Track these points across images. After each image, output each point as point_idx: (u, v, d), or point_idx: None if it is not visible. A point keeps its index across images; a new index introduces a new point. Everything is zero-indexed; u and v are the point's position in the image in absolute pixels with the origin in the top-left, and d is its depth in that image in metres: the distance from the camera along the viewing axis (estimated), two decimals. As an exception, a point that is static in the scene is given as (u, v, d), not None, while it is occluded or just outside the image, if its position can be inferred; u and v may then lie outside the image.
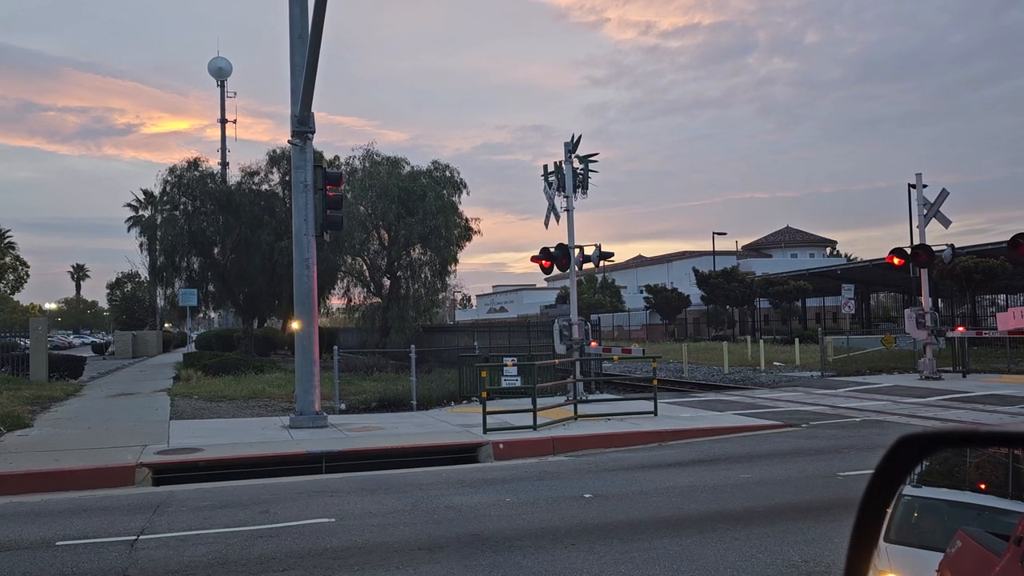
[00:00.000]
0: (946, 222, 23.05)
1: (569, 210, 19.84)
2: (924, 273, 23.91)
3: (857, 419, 15.56)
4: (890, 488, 1.63)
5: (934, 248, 23.21)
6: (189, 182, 35.67)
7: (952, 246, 24.50)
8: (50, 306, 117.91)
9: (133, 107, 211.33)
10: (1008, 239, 21.86)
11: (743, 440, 13.55)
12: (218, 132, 66.50)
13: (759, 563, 6.39)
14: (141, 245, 39.98)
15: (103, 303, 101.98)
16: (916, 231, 23.91)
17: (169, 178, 35.81)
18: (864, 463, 10.80)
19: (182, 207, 35.94)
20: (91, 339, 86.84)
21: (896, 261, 23.49)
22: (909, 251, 23.37)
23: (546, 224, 20.14)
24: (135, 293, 66.12)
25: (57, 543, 7.45)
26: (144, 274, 50.82)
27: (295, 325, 15.76)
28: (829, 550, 6.68)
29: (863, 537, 1.62)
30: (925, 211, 23.20)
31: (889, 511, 1.94)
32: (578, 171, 19.93)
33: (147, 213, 50.69)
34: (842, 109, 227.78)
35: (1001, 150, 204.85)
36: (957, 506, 3.21)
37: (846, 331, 36.71)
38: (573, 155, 19.95)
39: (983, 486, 2.94)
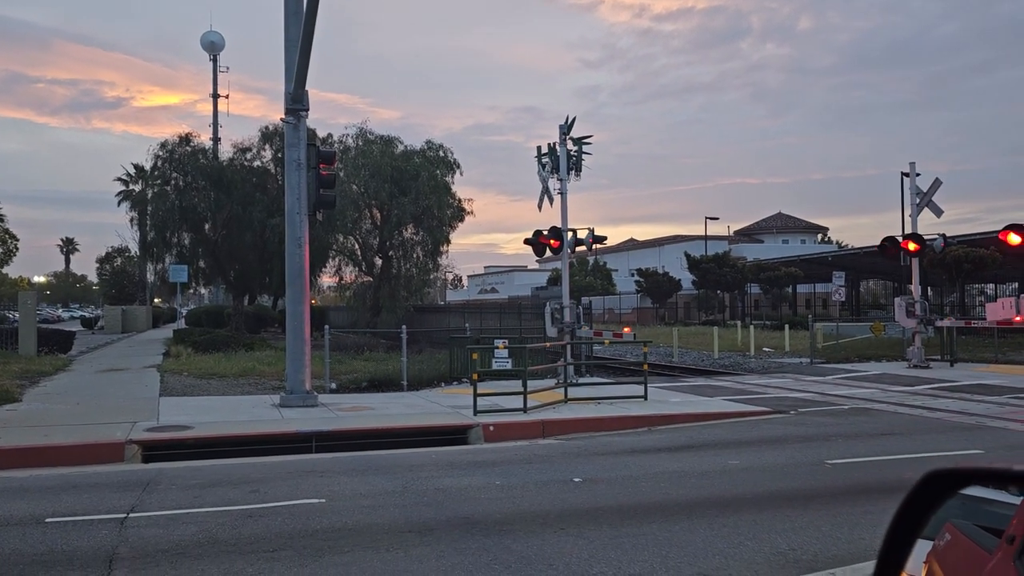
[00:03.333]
0: (938, 211, 23.11)
1: (563, 192, 19.77)
2: (915, 262, 23.99)
3: (845, 407, 15.65)
4: (916, 523, 1.61)
5: (925, 237, 23.28)
6: (181, 157, 35.39)
7: (944, 235, 24.55)
8: (39, 279, 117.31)
9: (123, 80, 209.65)
10: (999, 229, 21.95)
11: (732, 426, 13.62)
12: (209, 107, 66.38)
13: (747, 550, 6.44)
14: (132, 220, 39.83)
15: (93, 277, 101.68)
16: (908, 220, 23.98)
17: (160, 153, 35.54)
18: (852, 451, 10.88)
19: (173, 182, 35.68)
20: (80, 313, 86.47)
21: (888, 250, 23.56)
22: (900, 240, 23.43)
23: (539, 206, 20.09)
24: (125, 268, 65.85)
25: (46, 520, 7.44)
26: (134, 249, 50.62)
27: (286, 304, 15.72)
28: (816, 538, 6.73)
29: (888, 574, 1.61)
30: (918, 200, 23.24)
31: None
32: (572, 153, 19.84)
33: (138, 188, 50.37)
34: (834, 96, 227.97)
35: (991, 140, 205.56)
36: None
37: (836, 318, 36.86)
38: (567, 137, 19.85)
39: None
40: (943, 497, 1.67)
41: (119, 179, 62.77)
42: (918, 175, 23.48)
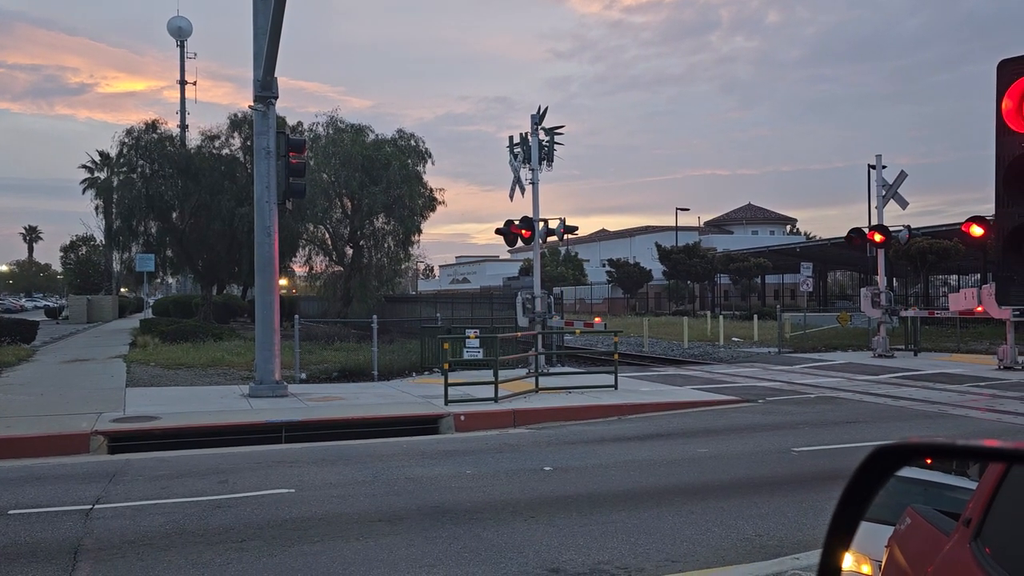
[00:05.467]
0: (903, 203, 23.44)
1: (534, 183, 19.77)
2: (881, 253, 24.34)
3: (812, 395, 15.87)
4: (864, 498, 1.65)
5: (891, 228, 23.63)
6: (147, 144, 34.86)
7: (908, 227, 25.02)
8: (1, 268, 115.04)
9: (87, 66, 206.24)
10: (962, 221, 22.33)
11: (701, 415, 13.76)
12: (176, 94, 65.10)
13: (714, 536, 6.52)
14: (97, 208, 39.08)
15: (57, 266, 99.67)
16: (874, 211, 24.30)
17: (126, 140, 34.98)
18: (818, 439, 11.04)
19: (140, 170, 35.15)
20: (44, 303, 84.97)
21: (854, 241, 23.89)
22: (867, 231, 23.76)
23: (511, 196, 20.07)
24: (90, 257, 64.74)
25: (10, 512, 7.33)
26: (100, 238, 49.72)
27: (255, 293, 15.59)
28: (782, 524, 6.83)
29: (835, 547, 1.64)
30: (884, 192, 23.55)
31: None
32: (544, 143, 19.83)
33: (103, 175, 49.44)
34: (802, 89, 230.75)
35: (955, 134, 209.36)
36: (905, 481, 3.30)
37: (804, 308, 37.31)
38: (539, 127, 19.83)
39: (929, 461, 3.03)
40: (891, 472, 1.72)
41: (84, 166, 61.66)
42: (884, 167, 23.79)
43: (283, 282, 41.62)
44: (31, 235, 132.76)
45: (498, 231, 19.88)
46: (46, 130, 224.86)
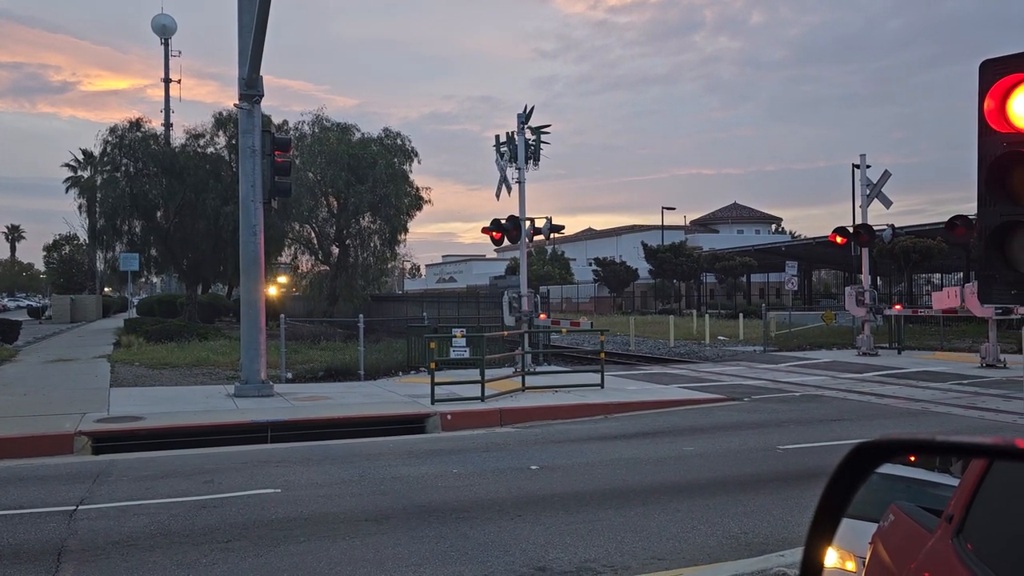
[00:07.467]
0: (887, 202, 23.59)
1: (521, 182, 19.77)
2: (865, 252, 24.49)
3: (797, 394, 15.96)
4: (846, 494, 1.67)
5: (875, 228, 23.78)
6: (131, 143, 34.62)
7: (892, 226, 25.17)
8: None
9: (70, 64, 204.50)
10: (945, 220, 22.52)
11: (687, 413, 13.80)
12: (160, 92, 64.73)
13: (700, 534, 6.55)
14: (80, 207, 38.77)
15: (40, 266, 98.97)
16: (859, 211, 24.44)
17: (110, 138, 34.71)
18: (803, 437, 11.11)
19: (123, 168, 34.89)
20: (27, 302, 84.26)
21: (839, 240, 24.02)
22: (851, 230, 23.91)
23: (497, 195, 20.06)
24: (73, 256, 64.27)
25: (-8, 513, 7.27)
26: (83, 237, 49.43)
27: (241, 292, 15.51)
28: (768, 522, 6.87)
29: (817, 543, 1.66)
30: (868, 191, 23.69)
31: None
32: (530, 142, 19.83)
33: (86, 174, 49.09)
34: (785, 89, 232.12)
35: (936, 134, 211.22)
36: (889, 478, 3.33)
37: (789, 307, 37.49)
38: (526, 126, 19.83)
39: (913, 458, 3.05)
40: (872, 468, 1.74)
41: (67, 165, 61.25)
42: (868, 167, 23.92)
43: (283, 280, 41.47)
44: (13, 234, 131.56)
45: (484, 230, 19.87)
46: (28, 128, 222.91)
